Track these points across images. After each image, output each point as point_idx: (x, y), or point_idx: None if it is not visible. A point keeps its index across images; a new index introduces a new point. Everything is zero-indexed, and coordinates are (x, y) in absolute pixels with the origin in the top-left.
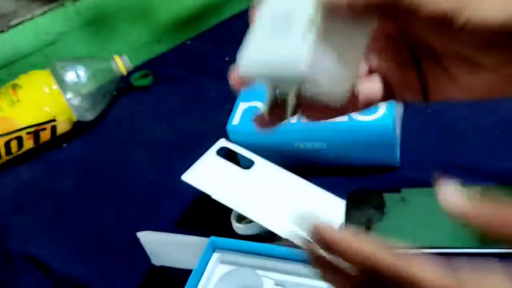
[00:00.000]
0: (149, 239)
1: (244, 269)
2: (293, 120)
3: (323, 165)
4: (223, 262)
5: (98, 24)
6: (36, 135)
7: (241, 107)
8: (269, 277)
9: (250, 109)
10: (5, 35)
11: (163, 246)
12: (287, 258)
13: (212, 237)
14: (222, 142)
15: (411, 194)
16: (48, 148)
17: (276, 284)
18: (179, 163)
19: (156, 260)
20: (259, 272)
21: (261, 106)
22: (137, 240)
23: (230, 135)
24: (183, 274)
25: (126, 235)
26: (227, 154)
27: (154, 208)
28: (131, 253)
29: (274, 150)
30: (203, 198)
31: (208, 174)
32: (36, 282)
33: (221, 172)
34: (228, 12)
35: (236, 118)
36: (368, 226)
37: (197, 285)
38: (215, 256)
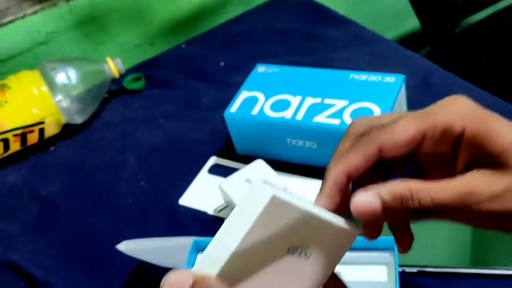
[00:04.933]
0: (130, 248)
1: None
2: (288, 116)
3: (314, 164)
4: None
5: (91, 24)
6: (23, 137)
7: (242, 96)
8: None
9: (250, 99)
10: None
11: (147, 250)
12: None
13: (194, 239)
14: (213, 160)
15: None
16: (35, 150)
17: None
18: (171, 170)
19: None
20: None
21: None
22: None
23: (227, 121)
24: None
25: (113, 243)
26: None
27: (143, 216)
28: (118, 261)
29: (267, 142)
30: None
31: (203, 194)
32: None
33: (214, 189)
34: (224, 17)
35: (235, 106)
36: None
37: None
38: (200, 257)
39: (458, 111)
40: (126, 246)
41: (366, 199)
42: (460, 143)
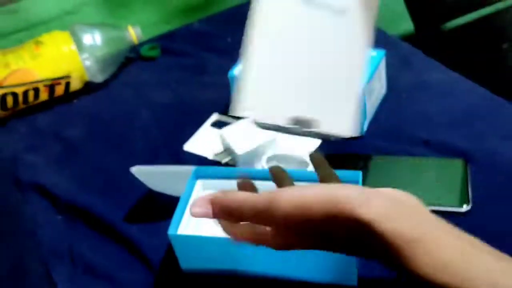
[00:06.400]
0: (141, 172)
1: None
2: None
3: None
4: (206, 188)
5: (115, 0)
6: (51, 88)
7: None
8: None
9: None
10: (30, 0)
11: (155, 177)
12: (259, 178)
13: (195, 167)
14: (215, 116)
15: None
16: (60, 102)
17: None
18: (179, 123)
19: (155, 188)
20: None
21: None
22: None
23: (231, 81)
24: (174, 201)
25: (126, 175)
26: None
27: (153, 157)
28: (130, 187)
29: None
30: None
31: (204, 142)
32: (42, 209)
33: (214, 139)
34: (234, 1)
35: (238, 68)
36: None
37: (184, 209)
38: (199, 183)
39: None
40: (138, 170)
41: (197, 211)
42: None
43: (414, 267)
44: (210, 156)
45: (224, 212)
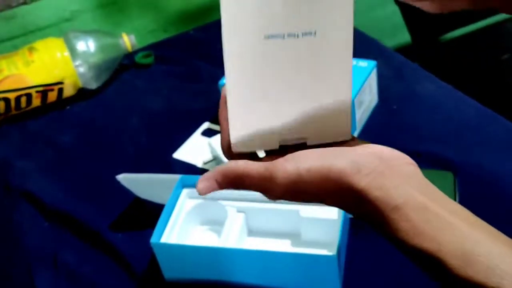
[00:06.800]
0: (127, 179)
1: (209, 202)
2: None
3: None
4: (191, 197)
5: (111, 7)
6: (44, 94)
7: None
8: (231, 206)
9: None
10: (27, 7)
11: (141, 185)
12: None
13: (181, 175)
14: (206, 125)
15: None
16: (53, 108)
17: (238, 211)
18: (170, 131)
19: (141, 195)
20: (223, 202)
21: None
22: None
23: (221, 89)
24: (160, 208)
25: (114, 183)
26: None
27: (143, 164)
28: (118, 195)
29: None
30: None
31: (194, 150)
32: (29, 215)
33: (204, 147)
34: None
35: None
36: None
37: (169, 218)
38: (185, 192)
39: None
40: (124, 177)
41: (203, 186)
42: None
43: (395, 232)
44: (199, 164)
45: (228, 183)
